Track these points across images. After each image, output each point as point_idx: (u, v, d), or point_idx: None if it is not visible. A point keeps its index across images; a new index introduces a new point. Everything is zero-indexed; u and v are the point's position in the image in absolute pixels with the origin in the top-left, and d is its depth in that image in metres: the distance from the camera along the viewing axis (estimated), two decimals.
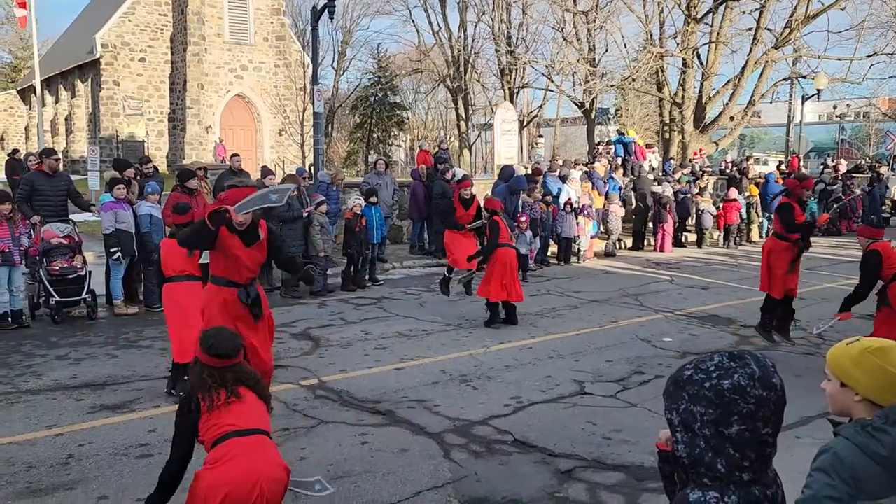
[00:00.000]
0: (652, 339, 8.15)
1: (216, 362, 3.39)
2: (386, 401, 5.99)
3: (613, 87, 26.70)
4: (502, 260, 8.51)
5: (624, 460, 4.81)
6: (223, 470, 3.11)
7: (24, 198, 9.09)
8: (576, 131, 39.73)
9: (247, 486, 3.07)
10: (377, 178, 13.05)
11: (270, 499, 3.14)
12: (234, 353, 3.46)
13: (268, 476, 3.14)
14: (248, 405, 3.39)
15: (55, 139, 33.75)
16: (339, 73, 39.82)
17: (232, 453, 3.16)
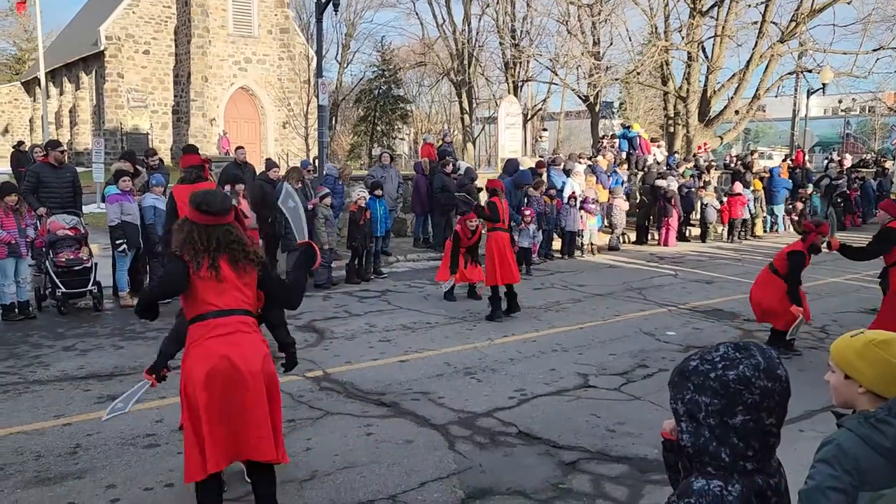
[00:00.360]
0: (655, 333, 8.16)
1: (206, 219, 3.31)
2: (391, 392, 6.03)
3: (618, 81, 26.65)
4: (496, 241, 8.57)
5: (628, 452, 4.83)
6: (201, 350, 3.16)
7: (30, 189, 9.15)
8: (580, 125, 39.66)
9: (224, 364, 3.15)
10: (382, 171, 13.06)
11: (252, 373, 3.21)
12: (225, 211, 3.37)
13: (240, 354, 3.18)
14: (230, 282, 3.30)
15: (59, 131, 33.79)
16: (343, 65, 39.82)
17: (208, 335, 3.19)
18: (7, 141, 38.68)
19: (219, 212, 3.34)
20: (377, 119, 36.71)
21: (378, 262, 11.67)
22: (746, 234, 17.44)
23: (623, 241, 15.76)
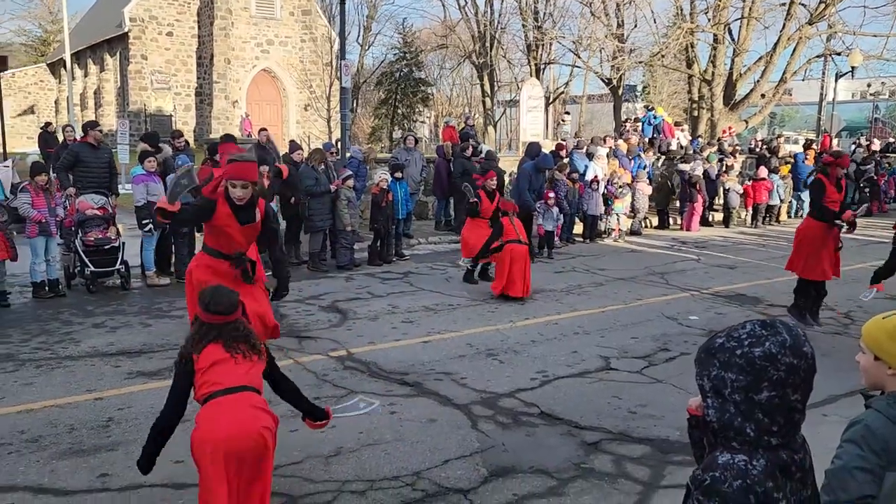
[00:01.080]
0: (678, 317, 8.15)
1: (215, 319, 3.47)
2: (413, 372, 6.10)
3: (642, 64, 26.32)
4: (510, 254, 8.68)
5: (649, 434, 4.86)
6: (207, 427, 3.22)
7: (65, 167, 9.35)
8: (602, 108, 39.28)
9: (233, 441, 3.18)
10: (406, 154, 13.08)
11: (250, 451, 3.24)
12: (232, 309, 3.52)
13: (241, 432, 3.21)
14: (238, 364, 3.43)
15: (84, 112, 34.15)
16: (365, 48, 39.67)
17: (217, 411, 3.26)
18: (33, 122, 39.23)
19: (226, 311, 3.51)
20: (398, 102, 36.65)
21: (400, 244, 11.73)
22: (771, 219, 17.26)
23: (645, 225, 15.67)
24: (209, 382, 3.35)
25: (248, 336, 3.55)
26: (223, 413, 3.24)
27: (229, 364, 3.41)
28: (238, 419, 3.23)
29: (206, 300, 3.50)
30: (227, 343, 3.45)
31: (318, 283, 9.58)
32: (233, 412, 3.25)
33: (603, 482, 4.19)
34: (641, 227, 15.26)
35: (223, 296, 3.54)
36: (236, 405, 3.28)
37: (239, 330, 3.53)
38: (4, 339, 6.89)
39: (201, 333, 3.48)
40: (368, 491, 4.03)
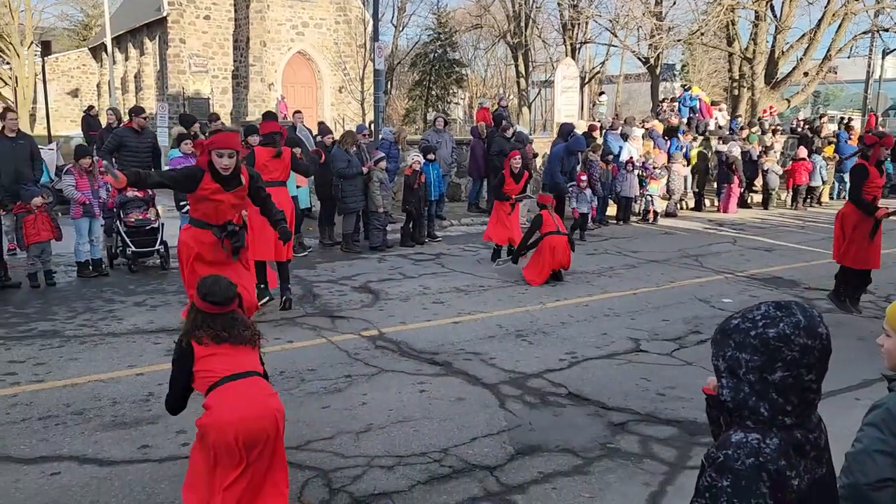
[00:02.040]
0: (711, 300, 8.08)
1: (211, 308, 3.47)
2: (443, 352, 6.18)
3: (680, 42, 25.82)
4: (550, 245, 8.62)
5: (677, 415, 4.87)
6: (223, 411, 3.22)
7: (110, 150, 9.63)
8: (639, 88, 38.69)
9: (244, 423, 3.20)
10: (436, 136, 13.10)
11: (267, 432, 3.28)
12: (229, 301, 3.50)
13: (259, 414, 3.26)
14: (238, 352, 3.45)
15: (125, 96, 34.82)
16: (399, 29, 39.55)
17: (231, 395, 3.28)
18: (76, 105, 40.11)
19: (223, 302, 3.48)
20: (432, 83, 36.57)
21: (432, 225, 11.80)
22: (812, 201, 16.90)
23: (681, 207, 15.48)
24: (212, 371, 3.36)
25: (245, 327, 3.54)
26: (239, 396, 3.27)
27: (229, 353, 3.41)
28: (256, 401, 3.28)
29: (203, 290, 3.48)
30: (226, 333, 3.44)
31: (350, 264, 9.71)
32: (248, 395, 3.28)
33: (629, 462, 4.23)
34: (677, 209, 15.07)
35: (221, 288, 3.50)
36: (249, 389, 3.32)
37: (237, 321, 3.53)
38: (51, 316, 7.15)
39: (197, 322, 3.47)
40: (397, 466, 4.13)
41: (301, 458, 4.20)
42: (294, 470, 4.07)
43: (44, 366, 5.75)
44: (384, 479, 3.98)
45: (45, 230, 8.23)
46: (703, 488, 1.71)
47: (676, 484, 3.96)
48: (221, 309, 3.48)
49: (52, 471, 4.06)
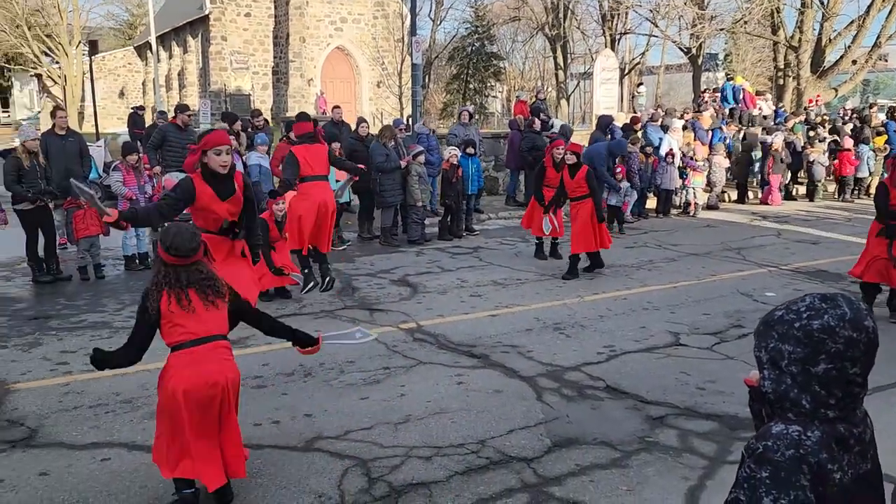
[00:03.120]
0: (753, 294, 7.94)
1: (174, 260, 3.52)
2: (481, 345, 6.21)
3: (723, 31, 25.31)
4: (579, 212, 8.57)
5: (717, 410, 4.82)
6: (180, 376, 3.45)
7: (154, 146, 9.88)
8: (680, 79, 38.03)
9: (199, 389, 3.42)
10: (463, 130, 13.06)
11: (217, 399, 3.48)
12: (191, 252, 3.53)
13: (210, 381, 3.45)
14: (203, 309, 3.54)
15: (169, 94, 35.55)
16: (436, 23, 39.58)
17: (188, 361, 3.47)
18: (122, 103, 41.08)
19: (186, 253, 3.53)
20: (470, 77, 36.52)
21: (470, 219, 11.81)
22: (860, 192, 16.42)
23: (723, 199, 15.21)
24: (178, 328, 3.49)
25: (210, 279, 3.60)
26: (195, 363, 3.46)
27: (194, 311, 3.51)
28: (209, 369, 3.46)
29: (167, 241, 3.51)
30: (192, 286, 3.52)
31: (389, 258, 9.79)
32: (203, 362, 3.47)
33: (667, 456, 4.20)
34: (718, 202, 14.81)
35: (184, 239, 3.52)
36: (207, 356, 3.49)
37: (202, 272, 3.58)
38: (100, 308, 7.38)
39: (162, 275, 3.54)
40: (435, 457, 4.17)
41: (341, 448, 4.27)
42: (334, 459, 4.15)
43: None
44: (422, 470, 4.03)
45: (94, 225, 8.48)
46: (742, 479, 1.70)
47: (716, 479, 3.92)
48: (185, 260, 3.54)
49: (102, 456, 4.20)
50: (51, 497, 3.75)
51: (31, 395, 5.12)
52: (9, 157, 8.66)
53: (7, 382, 5.37)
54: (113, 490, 3.82)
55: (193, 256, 3.56)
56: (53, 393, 5.16)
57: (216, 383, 3.45)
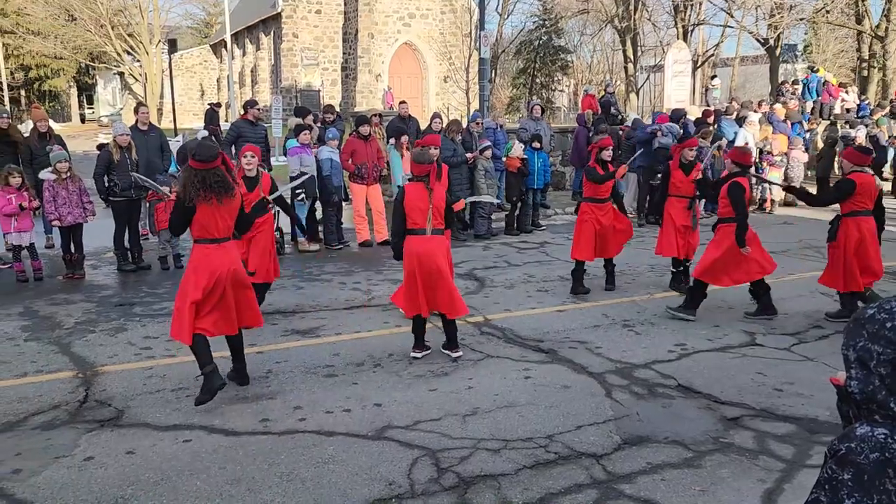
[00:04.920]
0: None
1: (199, 165, 4.61)
2: (548, 340, 6.18)
3: (803, 21, 24.32)
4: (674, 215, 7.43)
5: (796, 412, 4.66)
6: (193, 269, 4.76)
7: (228, 142, 10.23)
8: (757, 71, 36.73)
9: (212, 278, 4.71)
10: (534, 124, 12.98)
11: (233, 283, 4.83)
12: (213, 158, 4.64)
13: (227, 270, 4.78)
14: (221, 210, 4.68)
15: (242, 90, 36.60)
16: (504, 17, 39.36)
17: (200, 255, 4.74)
18: (199, 100, 42.54)
19: (207, 159, 4.64)
20: (537, 71, 36.20)
21: (537, 214, 11.75)
22: None
23: None
24: (200, 226, 4.70)
25: (225, 181, 4.68)
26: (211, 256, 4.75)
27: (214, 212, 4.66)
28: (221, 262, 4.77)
29: (193, 151, 4.69)
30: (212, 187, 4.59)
31: (456, 252, 9.75)
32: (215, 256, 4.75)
33: (743, 457, 4.09)
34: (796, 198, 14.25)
35: (206, 147, 4.72)
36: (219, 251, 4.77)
37: (219, 175, 4.66)
38: None
39: (190, 177, 4.63)
40: (503, 450, 4.19)
41: (410, 438, 4.34)
42: (403, 448, 4.22)
43: (174, 342, 6.17)
44: (490, 462, 4.05)
45: None
46: (823, 480, 1.66)
47: (795, 482, 3.80)
48: (208, 164, 4.62)
49: (183, 438, 4.39)
50: (137, 475, 3.94)
51: (118, 377, 5.38)
52: (102, 151, 9.11)
53: (95, 365, 5.66)
54: (194, 469, 3.98)
55: (215, 161, 4.64)
56: (138, 376, 5.42)
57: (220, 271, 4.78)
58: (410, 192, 5.54)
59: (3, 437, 4.41)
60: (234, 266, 4.85)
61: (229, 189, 4.72)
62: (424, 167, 5.52)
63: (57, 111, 46.93)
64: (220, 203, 4.67)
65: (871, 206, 6.57)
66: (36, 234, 8.57)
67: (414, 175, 5.61)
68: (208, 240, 4.75)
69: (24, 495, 3.74)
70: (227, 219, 4.78)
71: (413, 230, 5.54)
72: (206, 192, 4.60)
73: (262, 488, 3.78)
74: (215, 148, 4.74)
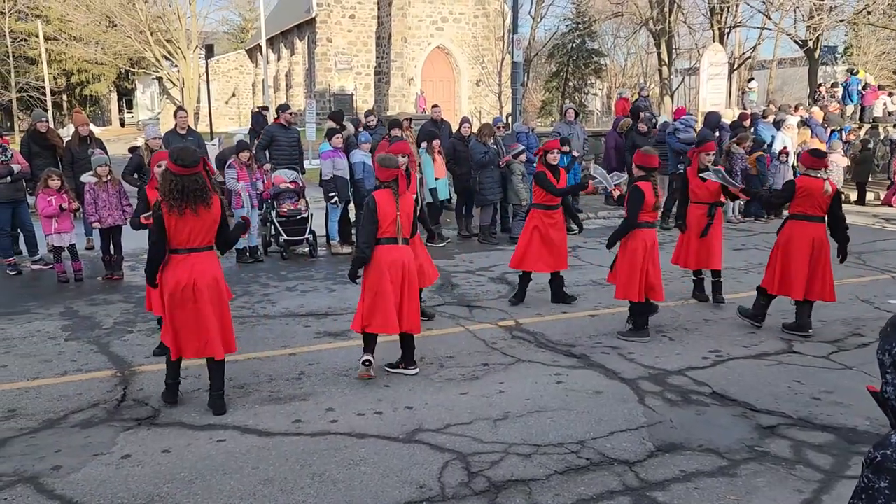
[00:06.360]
0: (875, 301, 7.46)
1: (180, 170, 4.48)
2: (580, 345, 6.14)
3: (843, 23, 23.81)
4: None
5: (834, 422, 4.56)
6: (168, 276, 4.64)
7: (263, 146, 10.39)
8: (795, 73, 36.03)
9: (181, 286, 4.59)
10: (567, 128, 12.91)
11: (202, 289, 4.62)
12: (195, 163, 4.51)
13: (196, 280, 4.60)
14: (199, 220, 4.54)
15: (277, 94, 37.04)
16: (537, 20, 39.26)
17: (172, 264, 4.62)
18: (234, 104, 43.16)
19: (189, 164, 4.50)
20: (570, 74, 36.01)
21: (567, 220, 11.65)
22: None
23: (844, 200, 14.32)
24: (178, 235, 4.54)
25: (204, 189, 4.54)
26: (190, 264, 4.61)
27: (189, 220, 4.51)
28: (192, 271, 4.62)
29: (174, 155, 4.56)
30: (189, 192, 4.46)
31: (488, 255, 9.83)
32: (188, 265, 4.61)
33: (779, 467, 4.02)
34: None
35: (188, 152, 4.57)
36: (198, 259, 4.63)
37: (198, 182, 4.53)
38: None
39: (169, 182, 4.50)
40: (534, 455, 4.17)
41: (441, 441, 4.34)
42: (434, 451, 4.22)
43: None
44: (521, 467, 4.03)
45: None
46: (860, 489, 1.63)
47: (833, 493, 3.72)
48: (188, 170, 4.49)
49: (218, 438, 4.45)
50: (172, 473, 4.01)
51: (155, 377, 5.48)
52: (134, 155, 9.30)
53: (133, 365, 5.78)
54: (228, 469, 4.04)
55: (195, 167, 4.51)
56: None
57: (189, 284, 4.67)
58: (381, 199, 5.28)
59: (44, 435, 4.52)
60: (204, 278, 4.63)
61: (207, 198, 4.56)
62: (391, 172, 5.30)
63: (97, 115, 48.05)
64: (196, 213, 4.52)
65: (821, 213, 6.26)
66: (76, 235, 8.77)
67: (380, 181, 5.37)
68: (184, 249, 4.59)
69: (64, 491, 3.83)
70: (203, 228, 4.60)
71: (381, 240, 5.28)
72: (184, 200, 4.47)
73: (294, 489, 3.82)
74: (197, 153, 4.63)
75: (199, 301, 4.63)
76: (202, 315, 4.64)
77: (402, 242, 5.34)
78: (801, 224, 6.30)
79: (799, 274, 6.24)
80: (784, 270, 6.34)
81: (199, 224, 4.58)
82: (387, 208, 5.25)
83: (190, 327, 4.66)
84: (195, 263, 4.61)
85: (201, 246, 4.65)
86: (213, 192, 4.67)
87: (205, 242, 4.67)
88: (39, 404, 4.99)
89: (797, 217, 6.34)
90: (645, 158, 6.35)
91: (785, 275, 6.33)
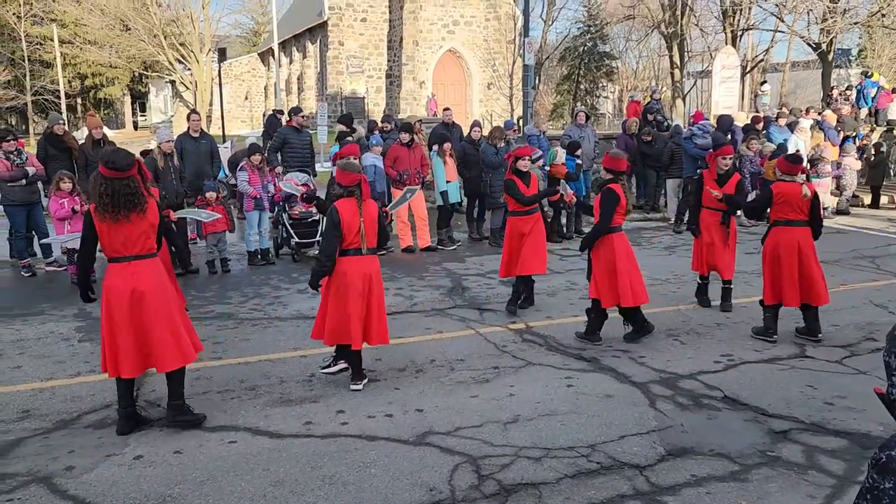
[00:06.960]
0: (889, 306, 7.40)
1: (111, 173, 4.27)
2: (591, 348, 6.13)
3: (857, 25, 23.66)
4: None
5: (848, 427, 4.53)
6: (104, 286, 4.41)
7: (275, 149, 10.46)
8: (808, 76, 35.84)
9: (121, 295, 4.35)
10: (579, 132, 12.89)
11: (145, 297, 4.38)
12: (127, 167, 4.32)
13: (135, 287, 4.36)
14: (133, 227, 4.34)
15: (289, 97, 37.23)
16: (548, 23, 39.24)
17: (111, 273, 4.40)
18: (246, 106, 43.40)
19: (122, 168, 4.30)
20: (581, 77, 36.00)
21: (579, 221, 11.66)
22: None
23: (859, 204, 14.22)
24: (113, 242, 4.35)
25: (136, 193, 4.34)
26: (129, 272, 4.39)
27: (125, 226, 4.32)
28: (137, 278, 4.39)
29: (106, 158, 4.34)
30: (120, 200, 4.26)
31: (498, 258, 9.78)
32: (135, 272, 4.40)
33: (791, 472, 3.99)
34: (848, 206, 13.87)
35: (121, 155, 4.39)
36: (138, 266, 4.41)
37: (130, 187, 4.32)
38: (226, 300, 7.85)
39: (99, 185, 4.29)
40: (544, 458, 4.17)
41: (451, 444, 4.34)
42: (444, 454, 4.22)
43: (221, 345, 6.33)
44: (531, 470, 4.03)
45: (222, 221, 9.01)
46: (865, 490, 1.63)
47: (846, 499, 3.69)
48: (120, 173, 4.29)
49: (229, 439, 4.48)
50: (184, 474, 4.03)
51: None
52: (147, 158, 9.36)
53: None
54: (239, 471, 4.06)
55: (128, 171, 4.32)
56: (185, 378, 5.52)
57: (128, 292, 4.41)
58: (344, 210, 5.09)
59: (57, 435, 4.56)
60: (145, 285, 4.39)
61: (140, 203, 4.35)
62: (353, 176, 5.15)
63: (111, 118, 48.46)
64: (128, 219, 4.31)
65: (803, 216, 6.24)
66: None
67: (343, 185, 5.18)
68: (122, 258, 4.38)
69: (77, 492, 3.86)
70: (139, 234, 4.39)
71: (347, 251, 5.14)
72: (114, 205, 4.26)
73: (305, 491, 3.83)
74: (132, 156, 4.44)
75: (141, 310, 4.38)
76: (144, 326, 4.40)
77: (366, 252, 5.20)
78: (784, 230, 6.29)
79: (791, 281, 6.22)
80: (774, 279, 6.32)
81: (134, 231, 4.36)
82: (351, 220, 5.09)
83: (128, 341, 4.38)
84: (136, 271, 4.39)
85: (142, 253, 4.42)
86: (147, 196, 4.44)
87: (145, 249, 4.43)
88: (53, 405, 5.04)
89: (779, 223, 6.33)
90: (613, 162, 6.34)
91: (777, 284, 6.30)
